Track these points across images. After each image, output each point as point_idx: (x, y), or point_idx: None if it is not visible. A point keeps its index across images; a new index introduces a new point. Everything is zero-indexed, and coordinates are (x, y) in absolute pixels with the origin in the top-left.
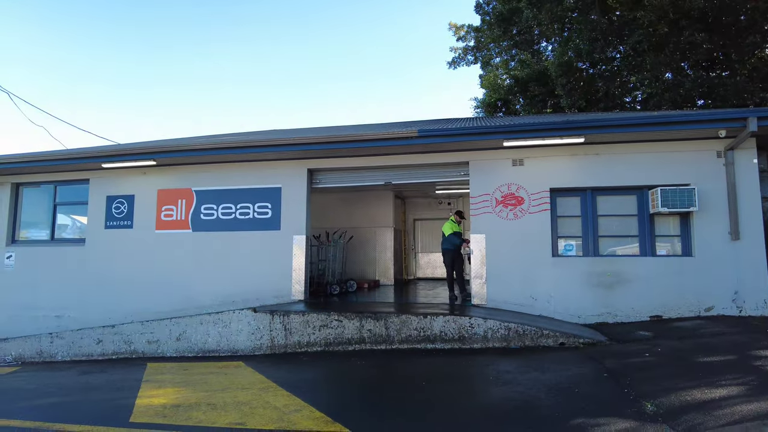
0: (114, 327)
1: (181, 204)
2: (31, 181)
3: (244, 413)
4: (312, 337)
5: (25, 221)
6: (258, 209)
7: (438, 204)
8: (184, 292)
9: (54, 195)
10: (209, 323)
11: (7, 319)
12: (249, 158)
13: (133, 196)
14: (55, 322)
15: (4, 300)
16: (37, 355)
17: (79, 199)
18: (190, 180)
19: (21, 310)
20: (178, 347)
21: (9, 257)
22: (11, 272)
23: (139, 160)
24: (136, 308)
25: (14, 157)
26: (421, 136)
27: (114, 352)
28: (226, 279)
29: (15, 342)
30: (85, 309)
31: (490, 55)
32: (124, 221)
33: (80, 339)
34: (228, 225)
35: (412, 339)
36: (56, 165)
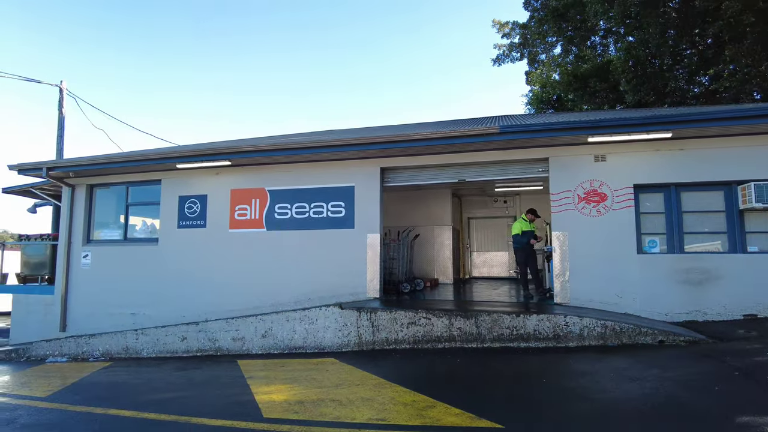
0: (198, 324)
1: (254, 203)
2: (105, 182)
3: (377, 409)
4: (400, 335)
5: (98, 222)
6: (332, 208)
7: (493, 202)
8: (258, 290)
9: (126, 196)
10: (295, 320)
11: (86, 316)
12: (322, 158)
13: (206, 196)
14: (130, 320)
15: (83, 297)
16: (123, 351)
17: (151, 200)
18: (264, 180)
19: (98, 307)
20: (264, 344)
21: (85, 256)
22: (88, 271)
23: (214, 161)
24: (210, 306)
25: (91, 159)
26: (504, 132)
27: (199, 350)
28: (301, 277)
29: (102, 338)
30: (159, 307)
31: (537, 51)
32: (197, 221)
33: (165, 336)
34: (302, 224)
35: (504, 337)
36: (131, 166)
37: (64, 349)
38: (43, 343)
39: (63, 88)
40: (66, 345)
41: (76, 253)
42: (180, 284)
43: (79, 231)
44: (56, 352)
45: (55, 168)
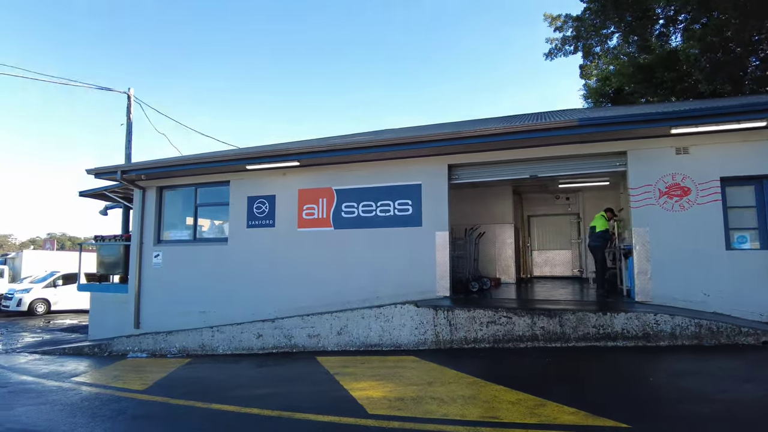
0: (274, 321)
1: (322, 203)
2: (174, 184)
3: (485, 407)
4: (479, 334)
5: (168, 222)
6: (398, 206)
7: (555, 199)
8: (327, 288)
9: (195, 197)
10: (370, 318)
11: (157, 313)
12: (388, 156)
13: (274, 196)
14: (200, 318)
15: (154, 296)
16: (199, 348)
17: (219, 201)
18: (330, 179)
19: (169, 305)
20: (340, 341)
21: (157, 256)
22: (159, 270)
23: (283, 162)
24: (279, 304)
25: (162, 162)
26: (583, 125)
27: (274, 346)
28: (368, 274)
29: (179, 335)
30: (228, 305)
31: (591, 44)
32: (266, 220)
33: (240, 333)
34: (369, 222)
35: (590, 336)
36: (201, 168)
37: (143, 346)
38: (123, 339)
39: (130, 95)
40: (144, 341)
41: (148, 253)
42: (249, 282)
43: (150, 231)
44: (135, 348)
45: (128, 171)
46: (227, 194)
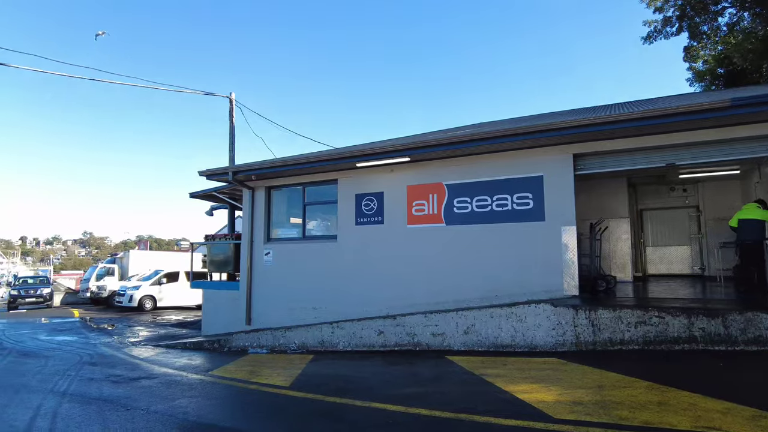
0: (396, 318)
1: (432, 198)
2: (282, 184)
3: (691, 417)
4: (626, 335)
5: (276, 221)
6: (517, 200)
7: (669, 191)
8: (440, 286)
9: (303, 196)
10: (501, 317)
11: (269, 310)
12: (505, 147)
13: (382, 193)
14: (312, 314)
15: (265, 292)
16: (318, 344)
17: (327, 199)
18: (441, 174)
19: (280, 302)
20: (466, 341)
21: (267, 254)
22: (270, 267)
23: (394, 158)
24: (391, 301)
25: (272, 162)
26: (737, 106)
27: (396, 344)
28: (485, 272)
29: (297, 331)
30: (338, 302)
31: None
32: (375, 217)
33: (361, 330)
34: (484, 217)
35: (763, 340)
36: (310, 167)
37: (262, 341)
38: (241, 335)
39: (232, 99)
40: (263, 337)
41: (258, 250)
42: (359, 279)
43: (260, 230)
44: (254, 344)
45: (239, 172)
46: (335, 192)
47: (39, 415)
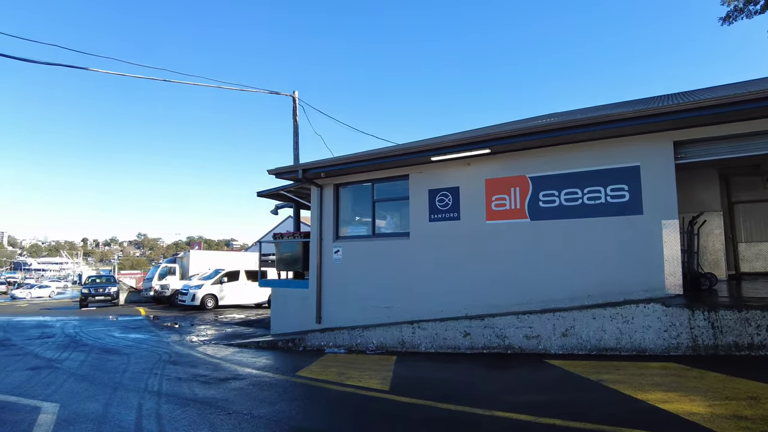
0: (483, 319)
1: (514, 192)
2: (350, 181)
3: None
4: (756, 339)
5: (345, 219)
6: (611, 192)
7: (765, 182)
8: (525, 285)
9: (372, 193)
10: (604, 318)
11: (340, 308)
12: (597, 136)
13: (458, 188)
14: (385, 313)
15: (336, 291)
16: (398, 344)
17: (397, 195)
18: (523, 166)
19: (351, 300)
20: (565, 344)
21: (337, 252)
22: (339, 266)
23: (473, 150)
24: (469, 300)
25: (343, 159)
26: None
27: (485, 347)
28: (575, 270)
29: (376, 331)
30: (412, 301)
31: None
32: (450, 213)
33: (444, 331)
34: (573, 212)
35: None
36: (381, 162)
37: (338, 341)
38: (316, 334)
39: (295, 97)
40: (339, 337)
41: (327, 248)
42: (434, 277)
43: (329, 228)
44: (330, 343)
45: (309, 169)
46: (406, 188)
47: (143, 417)
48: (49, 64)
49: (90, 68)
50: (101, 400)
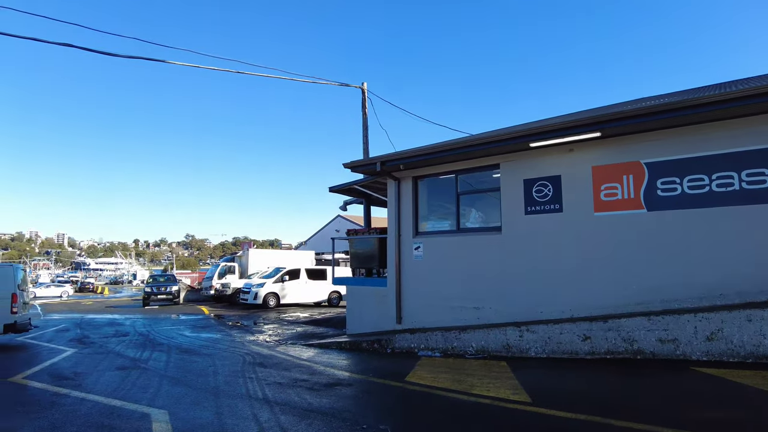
0: (607, 322)
1: (627, 180)
2: (430, 173)
3: None
4: None
5: (425, 213)
6: (747, 178)
7: None
8: (641, 282)
9: (456, 185)
10: (761, 320)
11: (422, 308)
12: (728, 115)
13: (559, 176)
14: (473, 314)
15: (417, 290)
16: (503, 348)
17: (486, 187)
18: (638, 151)
19: (435, 300)
20: (710, 349)
21: (417, 248)
22: (420, 263)
23: (580, 133)
24: (574, 301)
25: (425, 149)
26: None
27: (608, 351)
28: (704, 266)
29: (474, 333)
30: (505, 301)
31: None
32: (549, 205)
33: (559, 334)
34: (699, 201)
35: None
36: (467, 152)
37: (431, 343)
38: (406, 336)
39: (364, 89)
40: (432, 339)
41: (407, 245)
42: (530, 275)
43: (408, 223)
44: (421, 345)
45: (388, 161)
46: (495, 179)
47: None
48: (131, 57)
49: (168, 60)
50: (209, 408)
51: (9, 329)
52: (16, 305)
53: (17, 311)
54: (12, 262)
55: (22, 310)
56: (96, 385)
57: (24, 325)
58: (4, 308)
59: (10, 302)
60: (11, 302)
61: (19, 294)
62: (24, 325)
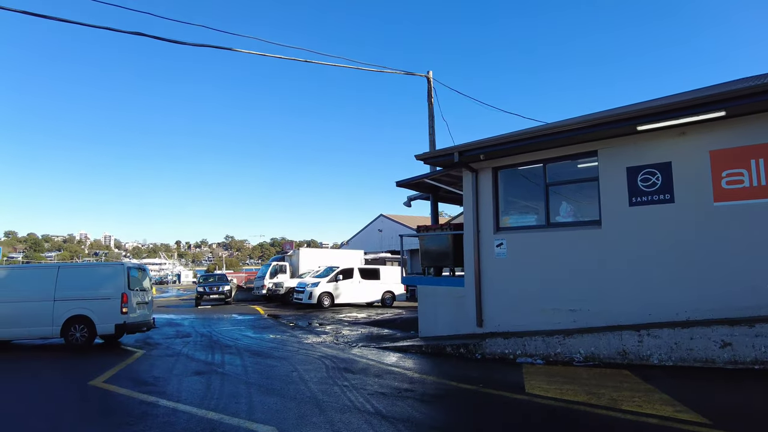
0: (753, 326)
1: (756, 165)
2: (513, 163)
3: None
4: None
5: (506, 207)
6: None
7: None
8: None
9: (544, 175)
10: None
11: (506, 310)
12: None
13: (669, 163)
14: (567, 317)
15: (500, 290)
16: (617, 355)
17: (579, 177)
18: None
19: (521, 301)
20: None
21: (500, 245)
22: (504, 261)
23: (699, 113)
24: (692, 301)
25: (508, 137)
26: None
27: (755, 360)
28: None
29: (583, 338)
30: (607, 302)
31: None
32: (659, 195)
33: (689, 339)
34: None
35: None
36: (560, 138)
37: (529, 349)
38: (498, 341)
39: (429, 78)
40: (531, 344)
41: (487, 242)
42: (637, 274)
43: (488, 218)
44: (517, 351)
45: (466, 151)
46: (592, 168)
47: None
48: (199, 45)
49: (235, 48)
50: (322, 426)
51: (120, 330)
52: (127, 305)
53: (127, 311)
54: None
55: (136, 311)
56: (181, 393)
57: (137, 326)
58: (114, 308)
59: (120, 302)
60: (121, 302)
61: (131, 294)
62: (137, 325)
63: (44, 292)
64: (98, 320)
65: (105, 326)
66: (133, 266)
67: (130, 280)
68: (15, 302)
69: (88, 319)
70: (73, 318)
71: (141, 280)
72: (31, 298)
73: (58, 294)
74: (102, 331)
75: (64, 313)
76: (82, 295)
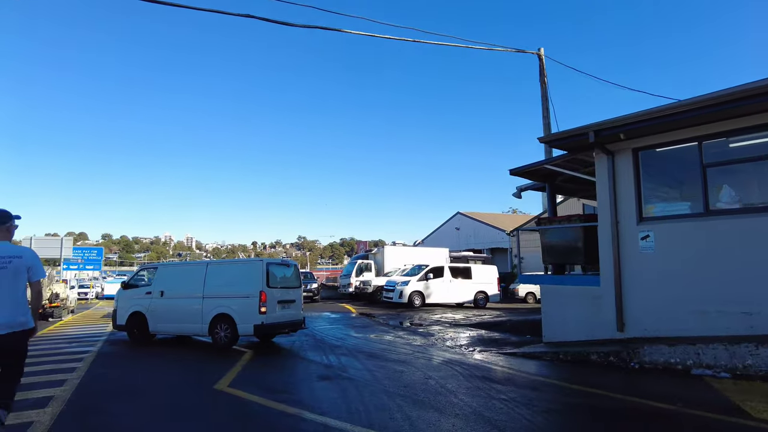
0: None
1: None
2: (658, 142)
3: None
4: None
5: (649, 194)
6: None
7: None
8: None
9: (699, 154)
10: None
11: (655, 312)
12: None
13: None
14: (740, 321)
15: (647, 289)
16: None
17: (746, 155)
18: None
19: (675, 302)
20: None
21: (645, 238)
22: (650, 256)
23: None
24: None
25: (659, 111)
26: None
27: None
28: None
29: None
30: None
31: None
32: None
33: None
34: None
35: None
36: (725, 109)
37: (704, 359)
38: (662, 348)
39: (541, 55)
40: (707, 353)
41: (628, 233)
42: None
43: (629, 207)
44: (689, 360)
45: (603, 130)
46: (763, 144)
47: None
48: (308, 27)
49: (344, 30)
50: None
51: (258, 331)
52: (265, 304)
53: (266, 311)
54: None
55: (276, 310)
56: (320, 403)
57: (278, 327)
58: (252, 307)
59: (259, 301)
60: (260, 301)
61: (270, 292)
62: (278, 326)
63: (195, 290)
64: (239, 320)
65: (245, 326)
66: (274, 262)
67: (269, 277)
68: (172, 299)
69: (230, 319)
70: (217, 317)
71: (285, 276)
72: (184, 294)
73: (207, 291)
74: (243, 331)
75: (211, 311)
76: (225, 293)
